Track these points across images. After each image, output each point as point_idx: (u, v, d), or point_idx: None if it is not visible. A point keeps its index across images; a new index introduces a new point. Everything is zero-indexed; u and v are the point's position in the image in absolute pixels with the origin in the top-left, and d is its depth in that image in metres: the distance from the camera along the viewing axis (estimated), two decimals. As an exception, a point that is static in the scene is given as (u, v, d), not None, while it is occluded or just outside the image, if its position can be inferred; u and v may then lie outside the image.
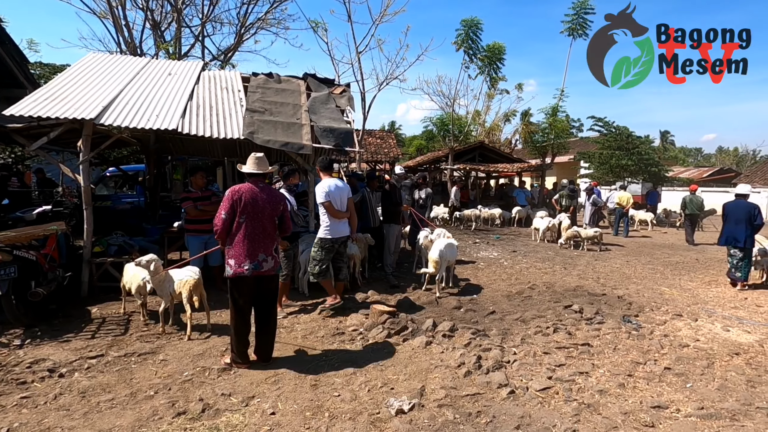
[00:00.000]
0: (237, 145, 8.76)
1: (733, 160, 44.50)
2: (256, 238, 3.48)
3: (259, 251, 3.49)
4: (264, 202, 3.51)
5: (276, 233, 3.65)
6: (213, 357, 3.77)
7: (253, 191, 3.49)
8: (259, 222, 3.49)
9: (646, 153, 19.27)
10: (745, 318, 5.25)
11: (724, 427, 2.86)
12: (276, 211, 3.59)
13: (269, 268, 3.55)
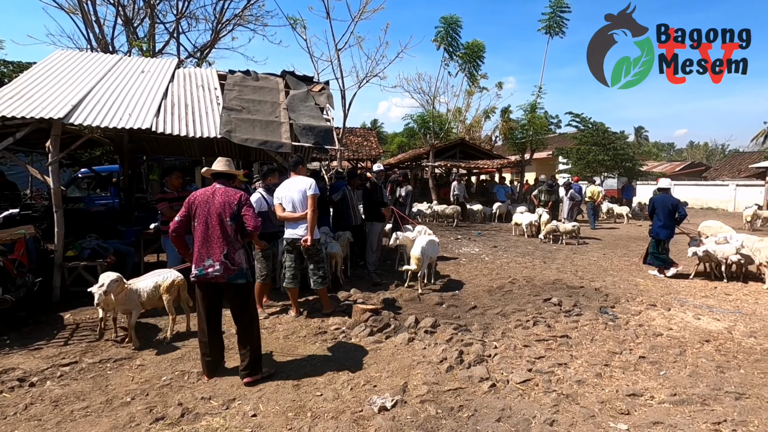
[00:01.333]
0: (215, 145, 8.61)
1: (704, 154, 46.02)
2: (205, 242, 3.26)
3: (206, 256, 3.24)
4: (215, 204, 3.25)
5: (231, 236, 3.25)
6: (192, 360, 3.70)
7: (205, 193, 3.31)
8: (208, 225, 3.26)
9: (621, 148, 19.78)
10: (715, 306, 5.45)
11: (695, 411, 2.96)
12: (227, 213, 3.23)
13: (217, 275, 3.21)
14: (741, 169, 27.36)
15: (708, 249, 6.70)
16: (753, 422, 2.83)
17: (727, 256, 6.53)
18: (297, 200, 4.58)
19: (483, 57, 18.71)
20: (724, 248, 6.71)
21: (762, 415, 2.92)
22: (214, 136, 5.43)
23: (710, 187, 23.96)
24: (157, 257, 7.29)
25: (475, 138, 25.52)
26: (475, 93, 21.67)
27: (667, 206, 7.03)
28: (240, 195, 3.32)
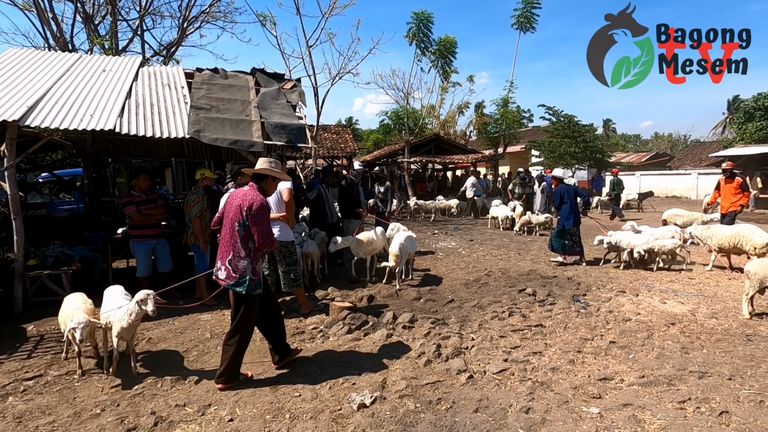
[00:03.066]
0: (184, 145, 8.40)
1: (668, 144, 47.87)
2: (221, 243, 3.28)
3: (219, 257, 3.26)
4: (233, 207, 3.19)
5: (237, 243, 3.14)
6: (165, 367, 3.61)
7: (235, 193, 3.30)
8: (225, 227, 3.26)
9: (591, 140, 20.35)
10: (680, 290, 5.69)
11: (662, 392, 3.09)
12: (237, 218, 3.13)
13: (222, 278, 3.20)
14: (702, 158, 28.62)
15: (613, 238, 6.98)
16: (715, 399, 2.97)
17: (633, 246, 6.79)
18: (271, 201, 4.50)
19: (455, 53, 18.91)
20: (630, 237, 7.00)
21: (723, 391, 3.07)
22: (183, 136, 5.28)
23: (674, 176, 24.95)
24: (126, 263, 7.07)
25: (449, 133, 25.76)
26: (448, 89, 21.84)
27: (570, 195, 7.35)
28: (251, 203, 3.11)
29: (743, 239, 6.26)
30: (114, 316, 3.41)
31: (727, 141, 29.88)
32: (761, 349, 3.81)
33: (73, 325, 3.24)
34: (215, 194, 5.86)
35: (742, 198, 7.75)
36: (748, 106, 28.30)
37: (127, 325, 3.34)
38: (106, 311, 3.51)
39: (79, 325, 3.23)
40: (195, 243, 5.31)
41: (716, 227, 6.77)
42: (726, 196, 7.93)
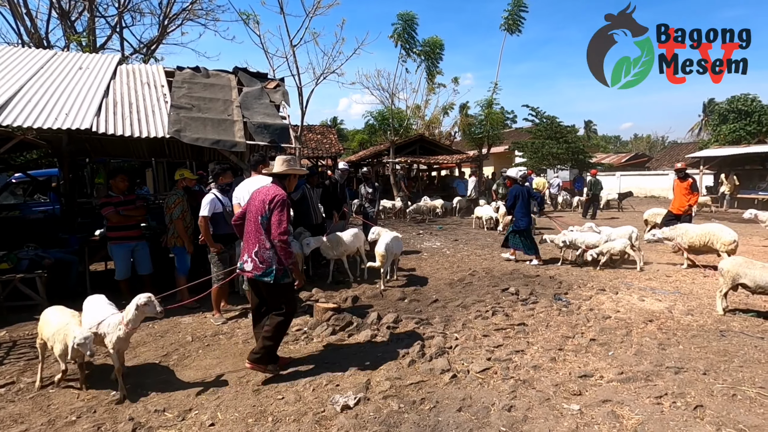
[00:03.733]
0: (165, 145, 8.23)
1: (647, 145, 49.02)
2: (246, 237, 3.44)
3: (244, 251, 3.42)
4: (256, 202, 3.35)
5: (262, 235, 3.28)
6: (144, 372, 3.53)
7: (257, 191, 3.45)
8: (249, 222, 3.42)
9: (573, 141, 20.72)
10: (657, 288, 5.83)
11: (640, 387, 3.16)
12: (261, 212, 3.28)
13: (248, 270, 3.34)
14: (679, 159, 29.36)
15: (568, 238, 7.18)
16: (690, 393, 3.05)
17: (588, 245, 6.99)
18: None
19: (442, 54, 19.00)
20: (585, 237, 7.20)
21: (698, 386, 3.15)
22: (162, 135, 5.17)
23: (652, 177, 25.60)
24: (105, 265, 6.90)
25: (434, 134, 25.89)
26: (434, 89, 21.94)
27: (524, 196, 7.56)
28: (273, 196, 3.27)
29: (713, 237, 6.50)
30: (108, 326, 3.13)
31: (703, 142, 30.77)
32: (734, 344, 3.93)
33: (80, 341, 2.87)
34: (197, 194, 5.76)
35: (692, 198, 7.93)
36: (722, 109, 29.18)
37: (124, 334, 3.12)
38: (94, 322, 3.18)
39: (86, 340, 2.89)
40: (176, 245, 5.21)
41: (686, 226, 6.98)
42: (678, 196, 8.11)
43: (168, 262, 5.67)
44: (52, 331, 3.13)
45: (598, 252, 6.87)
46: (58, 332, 3.08)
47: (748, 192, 17.41)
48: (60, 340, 3.03)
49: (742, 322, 4.51)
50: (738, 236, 6.48)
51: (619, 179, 25.38)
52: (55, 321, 3.18)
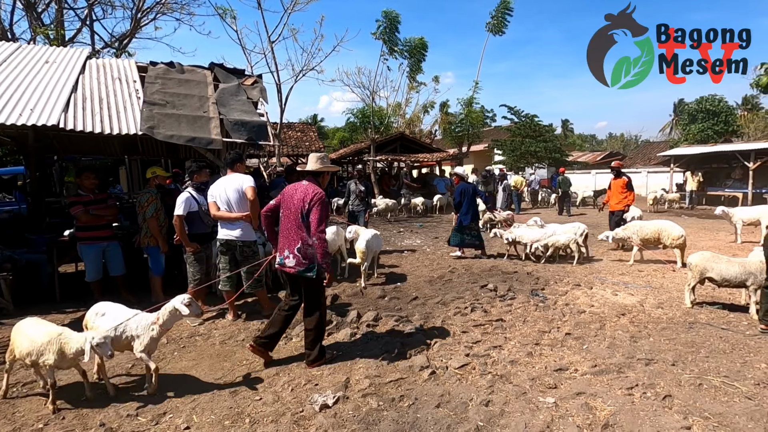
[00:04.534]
0: (138, 143, 8.00)
1: (621, 144, 50.39)
2: (284, 234, 3.51)
3: (285, 247, 3.48)
4: (295, 199, 3.43)
5: (304, 232, 3.40)
6: (119, 376, 3.43)
7: (293, 188, 3.53)
8: (288, 218, 3.48)
9: (550, 140, 21.15)
10: (630, 282, 6.01)
11: (613, 379, 3.25)
12: (302, 208, 3.39)
13: (290, 266, 3.42)
14: (651, 157, 30.31)
15: (514, 233, 7.50)
16: (660, 384, 3.16)
17: (533, 241, 7.28)
18: (233, 199, 4.36)
19: (425, 54, 19.06)
20: (530, 233, 7.51)
21: (667, 377, 3.26)
22: (134, 132, 5.03)
23: (626, 175, 26.25)
24: (75, 267, 6.67)
25: (415, 132, 25.99)
26: (415, 88, 22.02)
27: (469, 194, 7.77)
28: (313, 194, 3.38)
29: (663, 232, 6.93)
30: (137, 328, 3.07)
31: (673, 141, 31.87)
32: (701, 335, 4.08)
33: (99, 340, 2.75)
34: (171, 193, 5.63)
35: (628, 196, 8.14)
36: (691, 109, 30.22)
37: (157, 335, 3.11)
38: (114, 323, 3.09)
39: (105, 340, 2.79)
40: (149, 245, 5.08)
41: (640, 223, 7.30)
42: (614, 195, 8.31)
43: (141, 263, 5.52)
44: (37, 344, 2.83)
45: (543, 246, 7.14)
46: (49, 343, 2.82)
47: (715, 189, 18.11)
48: (53, 350, 2.80)
49: (709, 314, 4.69)
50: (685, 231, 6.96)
51: (595, 177, 25.99)
52: (40, 333, 2.88)
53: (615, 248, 7.98)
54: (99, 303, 3.40)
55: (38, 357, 2.82)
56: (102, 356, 2.90)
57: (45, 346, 2.80)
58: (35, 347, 2.82)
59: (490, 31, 19.68)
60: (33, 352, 2.83)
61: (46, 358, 2.80)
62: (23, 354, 2.87)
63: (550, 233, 7.41)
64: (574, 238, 7.17)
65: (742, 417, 2.73)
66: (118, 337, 3.05)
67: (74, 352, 2.78)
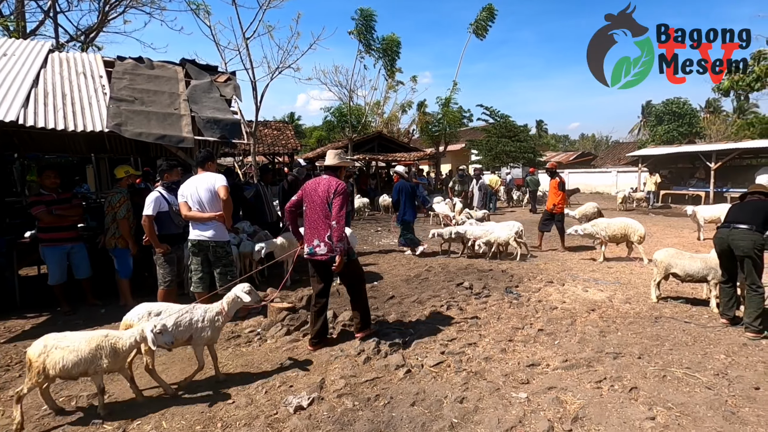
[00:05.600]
0: (105, 140, 7.73)
1: (592, 144, 51.93)
2: (312, 225, 3.76)
3: (313, 237, 3.73)
4: (320, 192, 3.71)
5: (329, 221, 3.66)
6: (82, 383, 3.30)
7: (314, 183, 3.82)
8: (313, 211, 3.74)
9: (524, 140, 21.58)
10: (600, 279, 6.20)
11: (582, 373, 3.34)
12: (327, 199, 3.67)
13: (322, 254, 3.70)
14: (621, 157, 31.36)
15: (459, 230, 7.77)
16: (626, 377, 3.26)
17: (475, 237, 7.57)
18: (205, 199, 4.24)
19: (399, 52, 19.15)
20: (473, 230, 7.79)
21: (633, 369, 3.38)
22: (100, 130, 4.85)
23: (597, 174, 27.13)
24: (37, 269, 6.39)
25: (393, 131, 26.04)
26: (393, 87, 22.07)
27: (407, 192, 7.98)
28: (337, 186, 3.69)
29: (629, 230, 7.26)
30: (202, 320, 3.16)
31: (642, 142, 33.03)
32: (665, 329, 4.25)
33: (160, 328, 2.81)
34: (141, 192, 5.45)
35: (561, 197, 8.34)
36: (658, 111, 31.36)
37: (220, 325, 3.28)
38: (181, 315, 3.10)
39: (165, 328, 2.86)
40: (116, 246, 4.91)
41: (607, 221, 7.56)
42: (550, 196, 8.52)
43: (107, 265, 5.32)
44: (84, 352, 2.69)
45: (486, 242, 7.38)
46: (97, 348, 2.73)
47: (679, 188, 18.87)
48: (105, 353, 2.74)
49: (673, 308, 4.88)
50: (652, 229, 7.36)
51: (568, 176, 26.69)
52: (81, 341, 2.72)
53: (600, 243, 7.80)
54: (142, 304, 3.29)
55: (89, 365, 2.71)
56: (163, 345, 2.89)
57: (94, 352, 2.72)
58: (82, 356, 2.69)
59: (473, 32, 19.94)
60: (81, 362, 2.69)
61: (98, 364, 2.73)
62: (68, 369, 2.67)
63: (490, 230, 7.65)
64: (513, 236, 7.43)
65: (702, 406, 2.85)
66: (180, 332, 3.09)
67: (128, 348, 2.81)
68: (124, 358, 2.86)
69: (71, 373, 2.70)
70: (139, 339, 2.80)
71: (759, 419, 2.71)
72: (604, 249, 7.43)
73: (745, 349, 3.76)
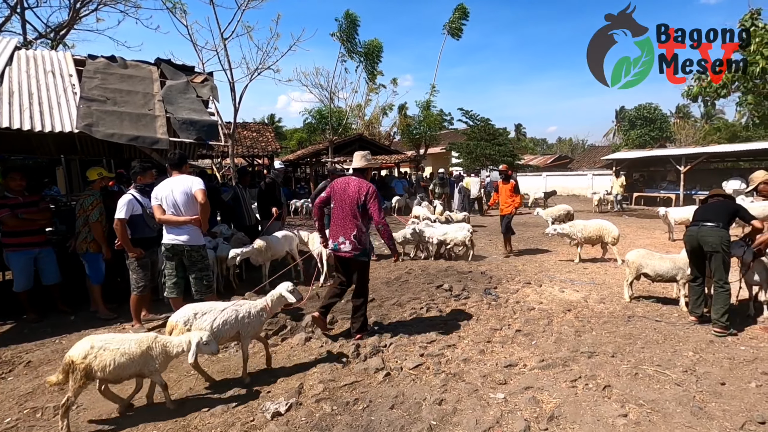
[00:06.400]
0: (76, 141, 7.47)
1: (569, 148, 53.13)
2: (339, 223, 3.99)
3: (339, 235, 3.98)
4: (350, 192, 3.95)
5: (359, 221, 3.95)
6: (49, 393, 3.17)
7: (343, 182, 4.06)
8: (342, 209, 3.98)
9: (504, 143, 21.90)
10: (576, 279, 6.33)
11: (558, 373, 3.40)
12: (358, 200, 3.92)
13: (346, 251, 3.95)
14: (596, 160, 32.21)
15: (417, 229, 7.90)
16: (600, 375, 3.34)
17: (432, 237, 7.77)
18: (180, 202, 4.12)
19: (381, 56, 19.22)
20: (431, 230, 7.97)
21: (607, 368, 3.46)
22: (69, 130, 4.69)
23: (573, 177, 27.80)
24: (2, 275, 6.12)
25: (374, 134, 26.07)
26: (374, 89, 22.12)
27: None
28: (369, 188, 3.95)
29: (604, 231, 7.42)
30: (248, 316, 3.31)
31: (615, 146, 34.01)
32: (638, 327, 4.37)
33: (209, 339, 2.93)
34: (114, 195, 5.29)
35: (516, 200, 8.33)
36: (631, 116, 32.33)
37: (264, 320, 3.46)
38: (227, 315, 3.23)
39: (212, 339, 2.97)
40: (88, 250, 4.75)
41: (583, 223, 7.71)
42: (502, 198, 8.46)
43: (78, 270, 5.14)
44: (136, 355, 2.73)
45: (437, 242, 7.63)
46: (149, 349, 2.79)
47: (652, 190, 19.49)
48: (156, 354, 2.81)
49: (645, 307, 5.03)
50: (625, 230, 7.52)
51: (545, 179, 27.24)
52: (131, 343, 2.75)
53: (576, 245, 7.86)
54: (187, 305, 3.31)
55: (142, 367, 2.77)
56: (209, 354, 2.99)
57: (146, 353, 2.77)
58: (135, 358, 2.73)
59: (449, 33, 20.18)
60: (133, 364, 2.73)
61: (151, 365, 2.79)
62: (119, 371, 2.69)
63: (447, 231, 7.84)
64: (468, 236, 7.63)
65: (671, 402, 2.94)
66: (227, 330, 3.22)
67: (176, 354, 2.89)
68: (168, 363, 2.94)
69: (121, 375, 2.72)
70: (187, 348, 2.87)
71: (724, 414, 2.81)
72: (580, 250, 7.61)
73: (711, 345, 3.90)
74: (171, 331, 3.16)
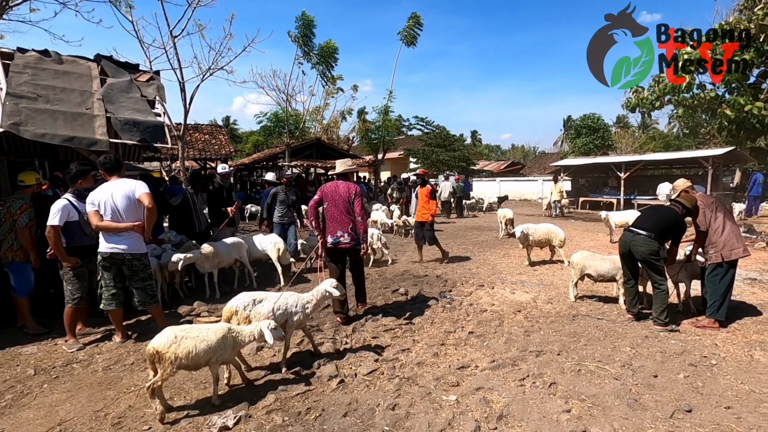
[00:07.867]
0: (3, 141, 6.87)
1: (521, 154, 55.46)
2: (336, 219, 4.61)
3: (337, 229, 4.61)
4: (341, 192, 4.63)
5: (350, 216, 4.62)
6: (-37, 419, 2.86)
7: (333, 185, 4.71)
8: (336, 207, 4.60)
9: (459, 149, 22.51)
10: (526, 281, 6.58)
11: (508, 373, 3.50)
12: (349, 198, 4.62)
13: (346, 243, 4.63)
14: (546, 166, 33.78)
15: None
16: (546, 373, 3.48)
17: None
18: (121, 207, 3.88)
19: (336, 58, 19.16)
20: None
21: (553, 366, 3.61)
22: (-7, 129, 4.30)
23: (525, 182, 28.99)
24: None
25: (333, 138, 25.91)
26: (332, 93, 22.01)
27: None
28: (356, 189, 4.70)
29: (552, 235, 7.78)
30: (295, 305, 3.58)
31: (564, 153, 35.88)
32: (581, 325, 4.60)
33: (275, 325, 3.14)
34: (48, 200, 4.88)
35: (431, 204, 8.25)
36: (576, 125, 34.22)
37: (310, 312, 3.70)
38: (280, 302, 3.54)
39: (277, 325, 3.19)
40: (13, 259, 4.35)
41: (534, 226, 8.03)
42: (420, 203, 8.38)
43: (2, 282, 4.70)
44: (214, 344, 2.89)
45: None
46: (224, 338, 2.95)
47: (595, 195, 20.69)
48: (229, 344, 2.99)
49: (588, 306, 5.31)
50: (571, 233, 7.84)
51: (499, 184, 28.22)
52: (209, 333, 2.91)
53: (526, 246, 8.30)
54: (244, 293, 3.60)
55: (215, 354, 2.90)
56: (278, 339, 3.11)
57: (221, 342, 2.93)
58: (212, 346, 2.88)
59: (403, 40, 20.48)
60: (210, 350, 2.87)
61: (221, 354, 2.93)
62: (198, 357, 2.83)
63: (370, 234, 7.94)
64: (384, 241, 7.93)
65: (610, 396, 3.11)
66: (280, 317, 3.50)
67: (246, 342, 3.08)
68: (238, 350, 3.15)
69: (199, 361, 2.85)
70: (258, 336, 3.05)
71: (657, 404, 3.01)
72: (530, 253, 7.92)
73: (646, 341, 4.18)
74: (229, 317, 3.42)
